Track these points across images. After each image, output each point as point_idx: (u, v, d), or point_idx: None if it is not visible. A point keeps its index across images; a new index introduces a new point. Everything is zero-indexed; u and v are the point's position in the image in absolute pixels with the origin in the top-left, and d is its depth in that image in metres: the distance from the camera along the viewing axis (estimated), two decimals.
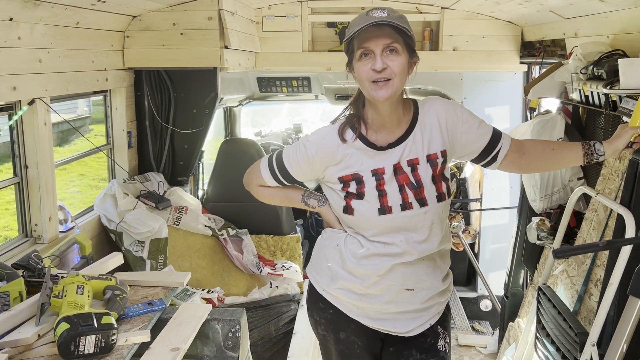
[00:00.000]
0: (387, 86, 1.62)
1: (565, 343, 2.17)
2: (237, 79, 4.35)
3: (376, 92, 1.63)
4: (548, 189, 2.80)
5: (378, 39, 1.59)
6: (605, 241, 1.87)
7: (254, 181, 1.91)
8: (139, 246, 3.18)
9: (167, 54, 3.30)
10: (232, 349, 2.25)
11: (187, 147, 3.62)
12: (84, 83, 2.87)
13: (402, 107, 1.74)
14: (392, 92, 1.63)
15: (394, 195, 1.71)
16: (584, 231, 2.46)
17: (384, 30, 1.59)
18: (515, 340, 2.97)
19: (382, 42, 1.60)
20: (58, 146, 8.04)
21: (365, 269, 1.77)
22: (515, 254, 3.28)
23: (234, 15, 3.39)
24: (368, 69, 1.62)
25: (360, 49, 1.62)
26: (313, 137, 1.79)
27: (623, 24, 2.27)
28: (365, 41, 1.61)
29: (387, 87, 1.62)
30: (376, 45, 1.60)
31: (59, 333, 1.72)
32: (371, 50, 1.61)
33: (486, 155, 1.83)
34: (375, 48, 1.60)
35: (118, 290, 2.05)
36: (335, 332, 1.89)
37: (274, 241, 3.93)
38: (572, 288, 2.45)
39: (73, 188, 8.78)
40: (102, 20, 2.93)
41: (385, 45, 1.60)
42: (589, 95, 2.33)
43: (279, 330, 3.48)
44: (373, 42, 1.60)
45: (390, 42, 1.60)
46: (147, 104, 3.52)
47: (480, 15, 3.78)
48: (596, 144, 1.81)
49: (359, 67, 1.64)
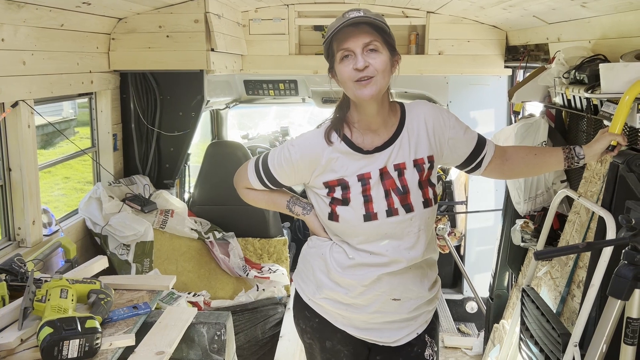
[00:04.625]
0: (370, 84, 1.61)
1: (548, 344, 2.20)
2: (224, 81, 4.34)
3: (360, 90, 1.62)
4: (532, 192, 2.83)
5: (357, 38, 1.59)
6: (585, 243, 1.89)
7: (241, 183, 1.90)
8: (125, 249, 3.16)
9: (153, 56, 3.29)
10: (218, 353, 2.24)
11: (173, 150, 3.61)
12: (68, 85, 2.85)
13: (388, 109, 1.73)
14: (376, 89, 1.62)
15: (379, 201, 1.70)
16: (567, 233, 2.49)
17: (361, 29, 1.60)
18: (500, 342, 3.00)
19: (362, 41, 1.60)
20: (43, 149, 7.95)
21: (351, 279, 1.75)
22: (500, 256, 3.31)
23: (220, 18, 3.39)
24: (350, 69, 1.61)
25: (340, 51, 1.62)
26: (297, 141, 1.78)
27: (604, 29, 2.31)
28: (344, 42, 1.61)
29: (370, 85, 1.61)
30: (355, 44, 1.60)
31: (42, 337, 1.70)
32: (351, 51, 1.61)
33: (471, 162, 1.84)
34: (355, 48, 1.60)
35: (102, 294, 2.03)
36: (321, 341, 1.88)
37: (261, 244, 3.92)
38: (555, 289, 2.48)
39: (58, 191, 8.69)
40: (87, 23, 2.92)
41: (364, 44, 1.60)
42: (572, 99, 2.36)
43: (265, 333, 3.47)
44: (352, 41, 1.60)
45: (370, 41, 1.61)
46: (133, 107, 3.50)
47: (465, 20, 3.81)
48: (576, 147, 1.84)
49: (341, 69, 1.64)
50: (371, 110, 1.69)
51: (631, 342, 1.58)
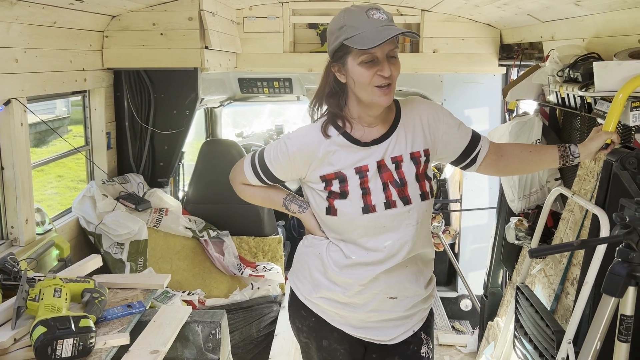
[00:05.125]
0: (390, 92, 1.64)
1: (543, 341, 2.20)
2: (218, 79, 4.33)
3: (380, 97, 1.64)
4: (526, 190, 2.84)
5: (385, 46, 1.59)
6: (579, 241, 1.90)
7: (237, 179, 1.90)
8: (119, 248, 3.15)
9: (147, 54, 3.27)
10: (213, 351, 2.23)
11: (167, 148, 3.60)
12: (61, 83, 2.83)
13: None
14: (392, 97, 1.67)
15: (377, 193, 1.70)
16: (561, 231, 2.50)
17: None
18: (494, 339, 3.01)
19: (387, 48, 1.61)
20: (36, 147, 7.91)
21: (348, 277, 1.75)
22: (494, 254, 3.32)
23: (214, 16, 3.37)
24: (373, 73, 1.62)
25: (365, 55, 1.61)
26: (294, 134, 1.78)
27: (598, 28, 2.32)
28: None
29: (390, 92, 1.65)
30: (382, 52, 1.61)
31: (35, 337, 1.69)
32: (377, 57, 1.61)
33: (466, 157, 1.85)
34: (380, 55, 1.61)
35: (96, 293, 2.02)
36: (317, 340, 1.88)
37: (255, 242, 3.91)
38: (549, 287, 2.48)
39: (51, 190, 8.65)
40: (80, 20, 2.90)
41: (389, 51, 1.62)
42: (566, 98, 2.37)
43: (260, 331, 3.47)
44: (380, 49, 1.60)
45: (393, 48, 1.63)
46: (127, 105, 3.48)
47: (459, 18, 3.82)
48: (572, 146, 1.85)
49: (360, 72, 1.63)
50: (379, 110, 1.71)
51: (625, 339, 1.59)
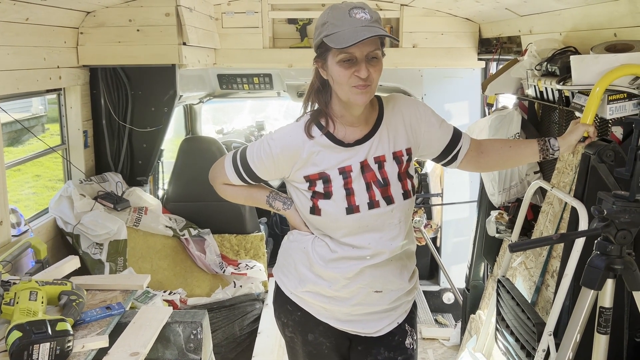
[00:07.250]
0: (367, 92, 1.62)
1: (524, 333, 2.23)
2: (197, 75, 4.28)
3: (356, 96, 1.62)
4: (506, 183, 2.86)
5: (364, 46, 1.57)
6: (559, 234, 1.92)
7: (218, 179, 1.87)
8: (97, 248, 3.10)
9: (124, 51, 3.21)
10: (194, 352, 2.21)
11: (145, 146, 3.54)
12: (35, 81, 2.76)
13: (369, 105, 1.74)
14: (370, 96, 1.65)
15: (361, 194, 1.71)
16: (541, 224, 2.53)
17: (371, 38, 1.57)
18: (476, 332, 3.03)
19: (367, 49, 1.59)
20: (11, 146, 7.76)
21: (334, 272, 1.76)
22: (476, 248, 3.34)
23: (192, 12, 3.33)
24: (350, 73, 1.60)
25: (342, 54, 1.58)
26: (277, 134, 1.76)
27: (575, 21, 2.33)
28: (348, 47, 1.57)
29: (367, 92, 1.62)
30: (361, 52, 1.58)
31: (10, 342, 1.65)
32: (355, 57, 1.59)
33: (447, 155, 1.86)
34: (359, 55, 1.59)
35: (74, 295, 1.98)
36: (303, 334, 1.88)
37: (238, 240, 3.88)
38: (530, 280, 2.51)
39: (28, 190, 8.50)
40: (53, 16, 2.83)
41: (368, 52, 1.59)
42: (544, 91, 2.38)
43: (243, 330, 3.45)
44: (358, 49, 1.57)
45: (373, 49, 1.60)
46: (104, 103, 3.42)
47: (439, 13, 3.82)
48: (551, 139, 1.86)
49: (338, 71, 1.61)
50: (359, 110, 1.70)
51: (604, 331, 1.61)
